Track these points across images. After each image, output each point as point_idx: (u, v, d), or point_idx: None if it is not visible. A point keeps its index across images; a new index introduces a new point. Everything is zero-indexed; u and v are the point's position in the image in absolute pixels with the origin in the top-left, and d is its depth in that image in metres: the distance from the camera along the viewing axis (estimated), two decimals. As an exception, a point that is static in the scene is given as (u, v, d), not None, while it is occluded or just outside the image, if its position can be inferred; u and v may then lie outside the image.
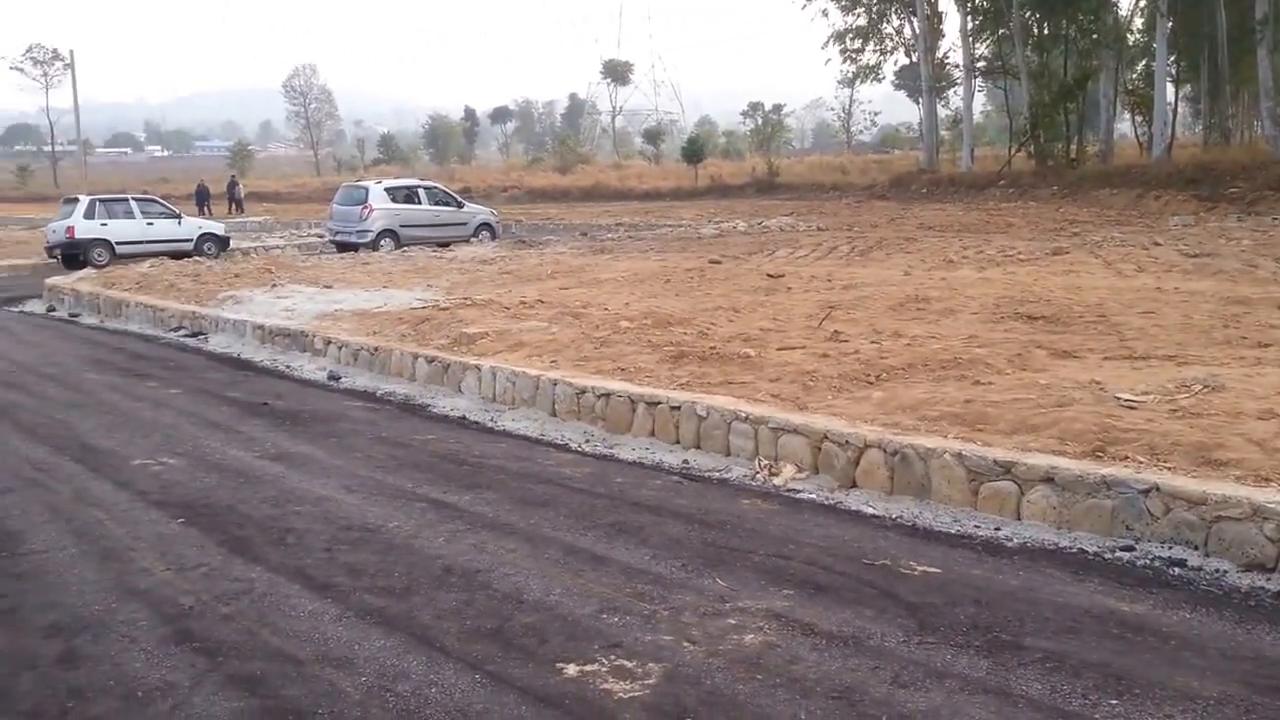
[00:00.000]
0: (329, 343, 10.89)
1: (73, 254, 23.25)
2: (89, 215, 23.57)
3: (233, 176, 52.63)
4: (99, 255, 23.03)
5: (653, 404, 7.46)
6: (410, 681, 3.89)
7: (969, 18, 40.40)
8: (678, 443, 7.26)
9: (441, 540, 5.40)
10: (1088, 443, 5.66)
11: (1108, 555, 5.02)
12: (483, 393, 8.85)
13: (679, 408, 7.29)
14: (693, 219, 30.73)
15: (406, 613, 4.51)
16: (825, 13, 46.49)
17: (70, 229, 23.39)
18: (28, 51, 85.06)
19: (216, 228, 26.47)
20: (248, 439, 7.72)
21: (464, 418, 8.44)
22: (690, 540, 5.37)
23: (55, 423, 8.42)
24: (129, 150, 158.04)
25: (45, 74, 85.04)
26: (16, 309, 17.32)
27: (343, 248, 24.02)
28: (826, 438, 6.38)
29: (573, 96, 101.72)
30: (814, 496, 6.15)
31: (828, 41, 46.88)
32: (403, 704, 3.73)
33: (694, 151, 50.91)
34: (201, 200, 45.13)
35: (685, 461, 6.96)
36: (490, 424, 8.20)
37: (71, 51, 53.95)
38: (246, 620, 4.48)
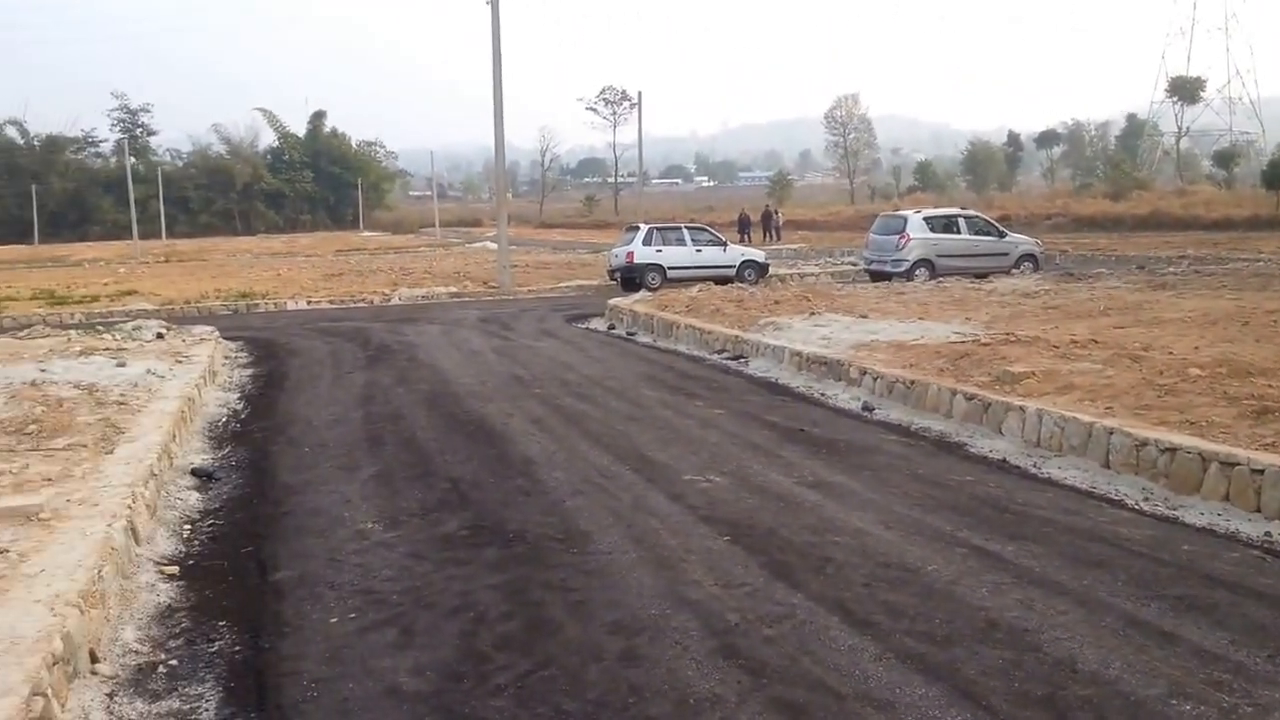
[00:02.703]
0: (864, 373, 10.96)
1: (630, 277, 25.57)
2: (647, 242, 25.95)
3: (767, 205, 55.54)
4: (652, 279, 25.19)
5: (1229, 464, 6.57)
6: (954, 740, 3.73)
7: None
8: (1258, 511, 6.32)
9: (984, 591, 5.15)
10: None
11: None
12: (1025, 436, 8.37)
13: (1262, 471, 6.34)
14: (1274, 253, 27.00)
15: (948, 663, 4.34)
16: None
17: (630, 254, 25.88)
18: (601, 93, 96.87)
19: (757, 255, 27.87)
20: (786, 464, 7.95)
21: (1004, 461, 8.04)
22: (1279, 629, 4.62)
23: (616, 433, 9.21)
24: (679, 180, 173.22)
25: (614, 113, 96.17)
26: (583, 326, 19.36)
27: (876, 277, 24.23)
28: None
29: (1130, 117, 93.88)
30: None
31: None
32: (947, 762, 3.58)
33: (1277, 175, 44.70)
34: (743, 228, 48.13)
35: (1268, 534, 6.04)
36: (1033, 470, 7.73)
37: (639, 92, 59.93)
38: (788, 645, 4.58)
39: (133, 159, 76.63)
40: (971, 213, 27.17)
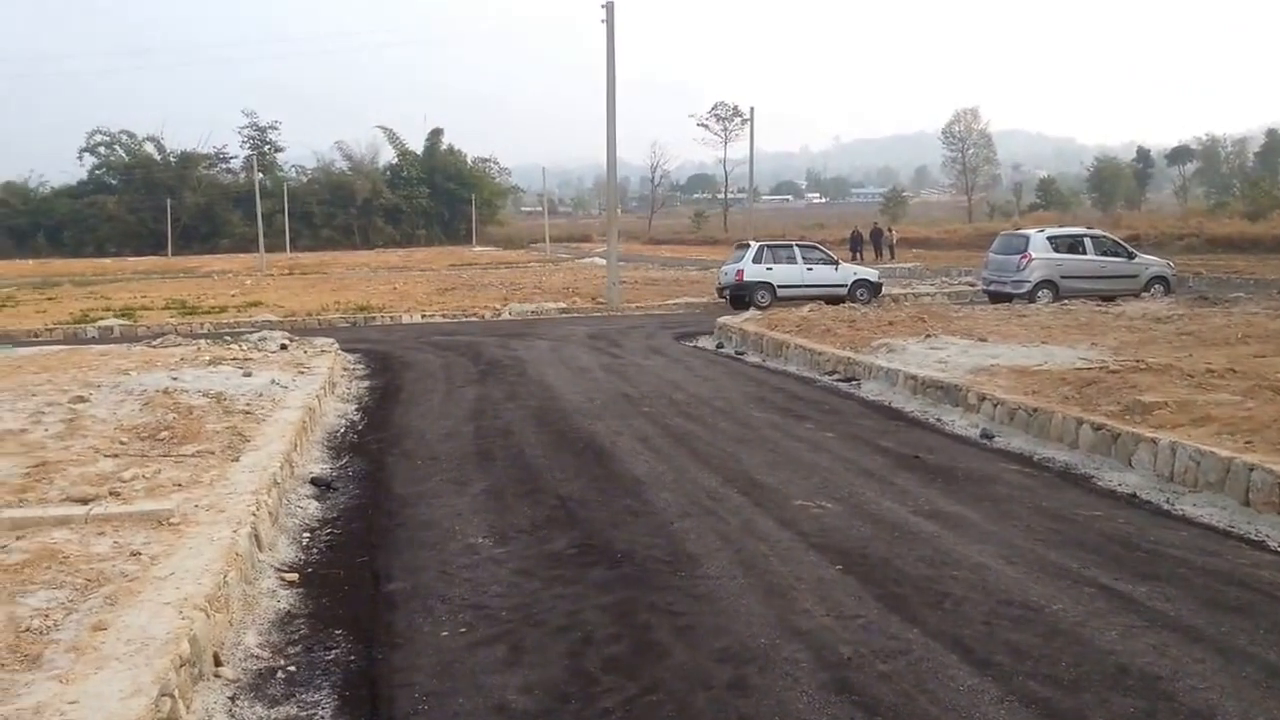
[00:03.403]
0: (983, 399, 10.63)
1: (739, 295, 25.42)
2: (757, 260, 25.75)
3: (876, 223, 54.80)
4: (762, 297, 24.99)
5: (1383, 507, 6.16)
6: (1082, 793, 3.54)
7: None
8: None
9: (1114, 634, 4.91)
10: None
11: None
12: (1158, 470, 7.99)
13: None
14: None
15: (1076, 710, 4.14)
16: None
17: (739, 272, 25.71)
18: (713, 110, 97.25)
19: (870, 274, 27.34)
20: (900, 491, 7.75)
21: (1134, 495, 7.67)
22: None
23: (725, 455, 9.08)
24: (790, 197, 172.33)
25: (725, 129, 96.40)
26: (690, 344, 19.17)
27: (996, 298, 23.61)
28: None
29: (1270, 132, 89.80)
30: None
31: None
32: (1074, 817, 3.40)
33: None
34: (855, 246, 47.57)
35: None
36: (1166, 506, 7.35)
37: (752, 108, 59.81)
38: (904, 682, 4.43)
39: (260, 175, 79.72)
40: (1098, 232, 26.26)
